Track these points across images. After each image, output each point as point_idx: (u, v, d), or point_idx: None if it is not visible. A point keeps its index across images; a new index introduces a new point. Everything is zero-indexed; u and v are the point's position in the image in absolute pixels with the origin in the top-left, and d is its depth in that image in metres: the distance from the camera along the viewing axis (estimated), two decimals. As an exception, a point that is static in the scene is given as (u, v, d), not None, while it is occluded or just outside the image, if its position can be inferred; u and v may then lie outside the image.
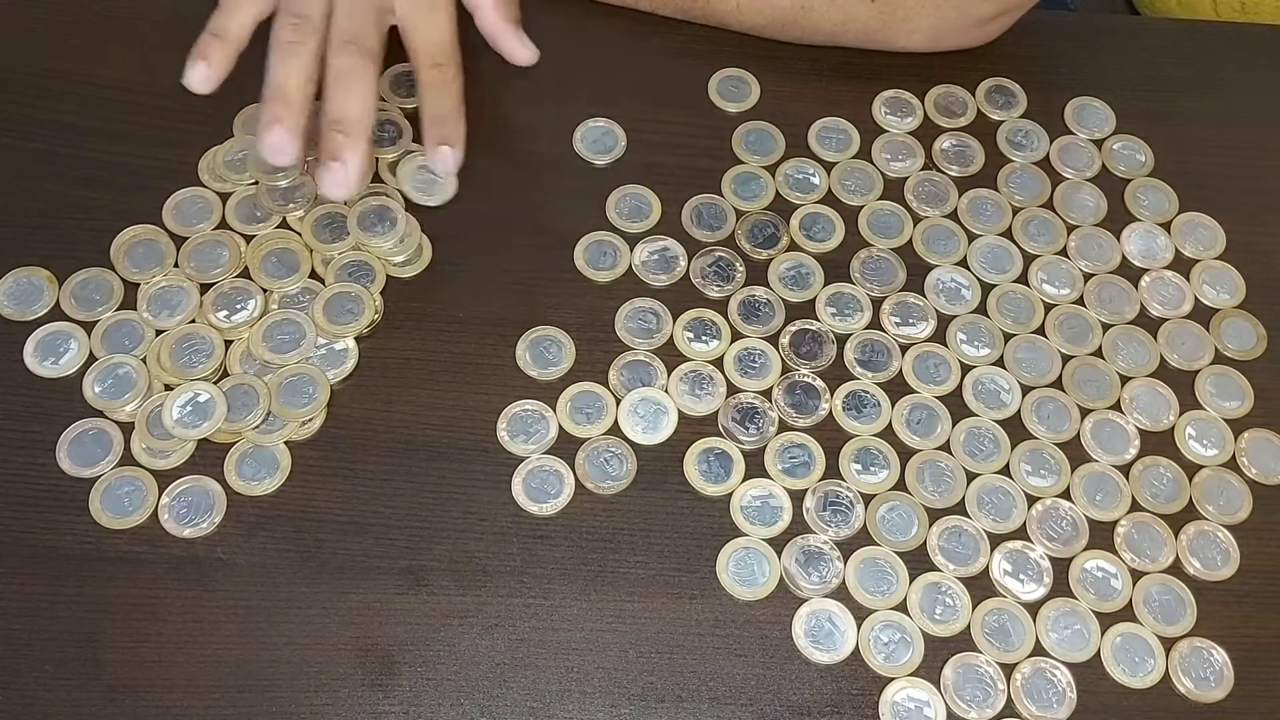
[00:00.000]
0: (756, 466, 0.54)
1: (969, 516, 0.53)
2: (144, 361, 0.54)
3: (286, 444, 0.53)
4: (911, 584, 0.51)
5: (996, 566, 0.52)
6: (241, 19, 0.53)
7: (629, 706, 0.49)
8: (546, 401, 0.54)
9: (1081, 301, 0.59)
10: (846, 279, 0.59)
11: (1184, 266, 0.61)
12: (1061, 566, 0.52)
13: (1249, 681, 0.50)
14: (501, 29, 0.57)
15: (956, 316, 0.58)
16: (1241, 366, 0.58)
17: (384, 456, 0.53)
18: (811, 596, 0.51)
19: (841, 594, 0.51)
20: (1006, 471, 0.54)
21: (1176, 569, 0.53)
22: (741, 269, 0.59)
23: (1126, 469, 0.55)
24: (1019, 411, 0.56)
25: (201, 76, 0.52)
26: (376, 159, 0.59)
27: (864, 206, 0.61)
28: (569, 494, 0.53)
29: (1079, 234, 0.61)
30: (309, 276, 0.57)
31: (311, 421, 0.53)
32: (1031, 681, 0.50)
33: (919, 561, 0.52)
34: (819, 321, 0.58)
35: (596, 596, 0.51)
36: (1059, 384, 0.57)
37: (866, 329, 0.57)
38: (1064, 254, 0.61)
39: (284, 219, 0.58)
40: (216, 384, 0.53)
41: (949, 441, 0.55)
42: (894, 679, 0.50)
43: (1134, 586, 0.52)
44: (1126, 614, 0.52)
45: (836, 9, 0.62)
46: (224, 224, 0.58)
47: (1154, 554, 0.53)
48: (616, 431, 0.54)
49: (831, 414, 0.55)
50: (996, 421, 0.55)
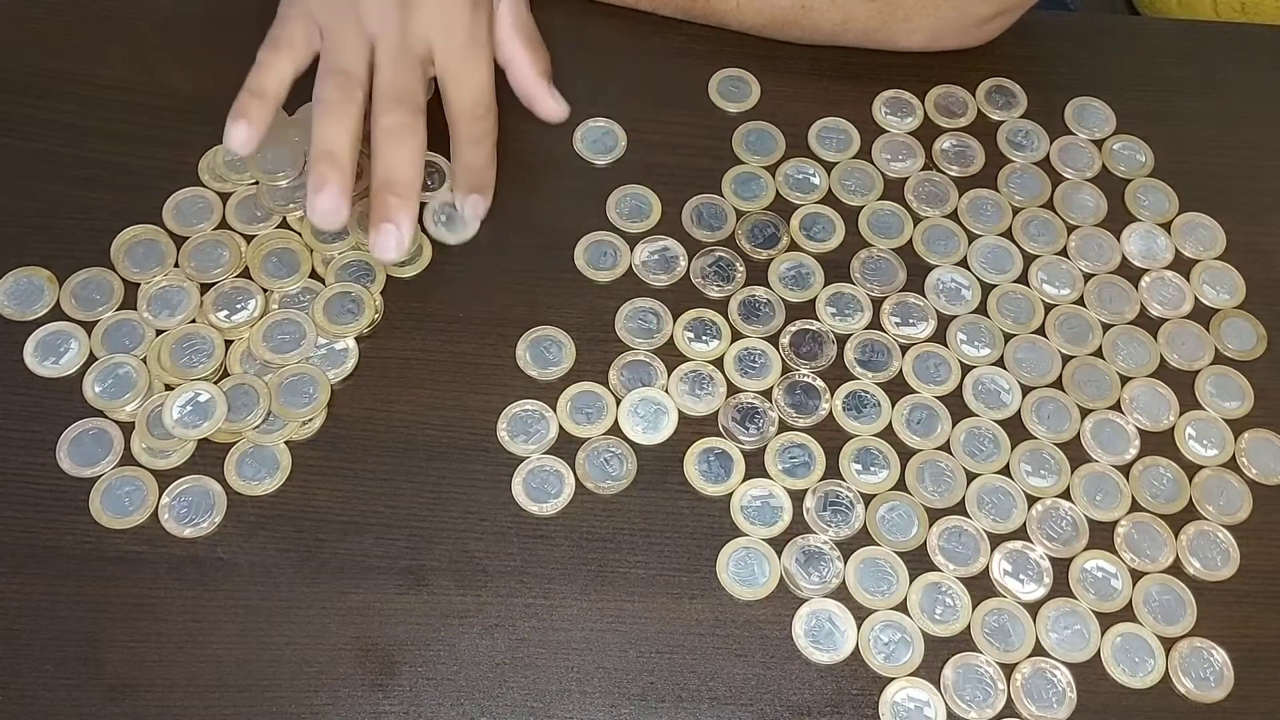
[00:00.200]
0: (757, 466, 0.54)
1: (969, 516, 0.53)
2: (144, 361, 0.54)
3: (287, 444, 0.53)
4: (911, 584, 0.51)
5: (996, 566, 0.52)
6: (280, 75, 0.51)
7: (629, 706, 0.49)
8: (546, 401, 0.54)
9: (1082, 302, 0.59)
10: (847, 279, 0.59)
11: (1184, 266, 0.61)
12: (1061, 566, 0.52)
13: (1249, 681, 0.50)
14: (537, 88, 0.56)
15: (957, 316, 0.58)
16: (1241, 367, 0.58)
17: (384, 456, 0.53)
18: (811, 596, 0.51)
19: (841, 594, 0.51)
20: (1006, 471, 0.54)
21: (1176, 569, 0.53)
22: (742, 269, 0.59)
23: (1126, 469, 0.55)
24: (1019, 411, 0.56)
25: (243, 138, 0.50)
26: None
27: (864, 206, 0.61)
28: (569, 494, 0.53)
29: (1079, 234, 0.61)
30: (309, 276, 0.57)
31: (311, 421, 0.53)
32: (1031, 681, 0.50)
33: (919, 561, 0.52)
34: (819, 321, 0.58)
35: (596, 596, 0.51)
36: (1059, 384, 0.57)
37: (867, 329, 0.57)
38: (1064, 254, 0.61)
39: (284, 219, 0.58)
40: (217, 384, 0.53)
41: (949, 441, 0.55)
42: (894, 679, 0.50)
43: (1134, 586, 0.52)
44: (1126, 614, 0.52)
45: (837, 9, 0.62)
46: (224, 224, 0.58)
47: (1154, 554, 0.53)
48: (617, 431, 0.54)
49: (831, 414, 0.55)
50: (996, 421, 0.55)
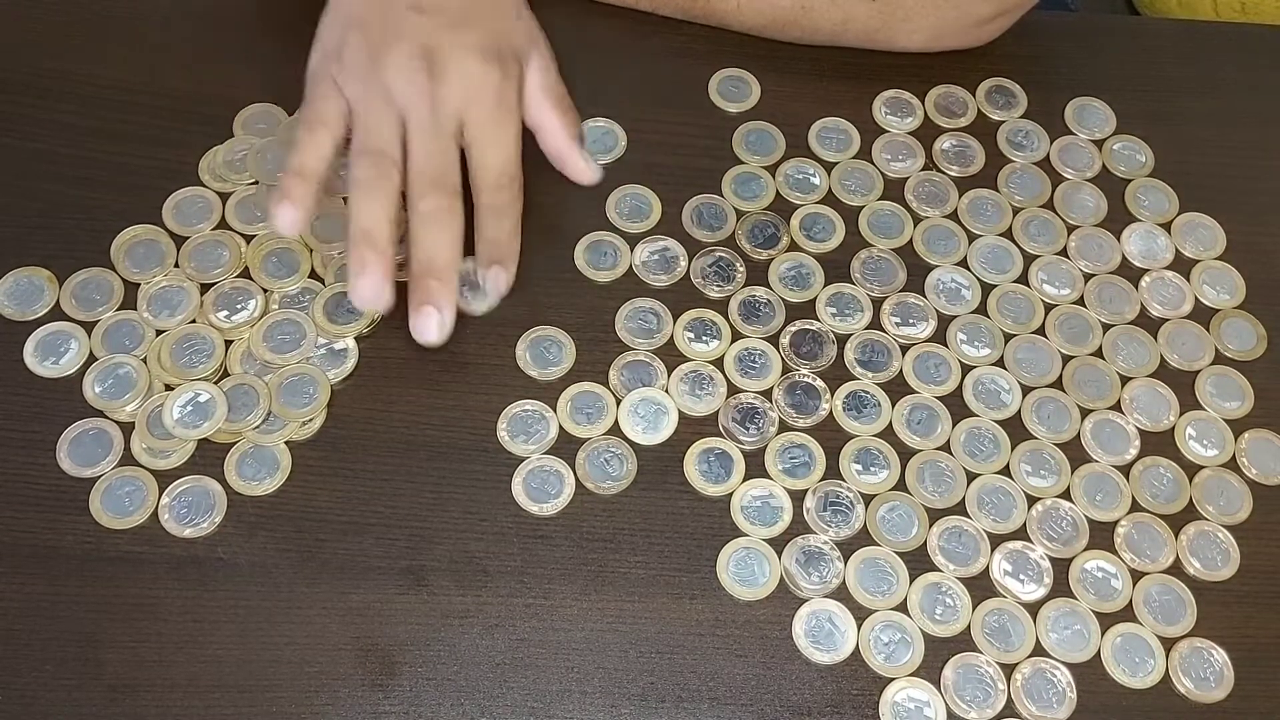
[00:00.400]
0: (757, 466, 0.54)
1: (969, 517, 0.53)
2: (144, 361, 0.54)
3: (287, 444, 0.53)
4: (912, 584, 0.51)
5: (996, 567, 0.52)
6: (320, 153, 0.51)
7: (629, 706, 0.49)
8: (546, 402, 0.54)
9: (1082, 302, 0.59)
10: (847, 279, 0.59)
11: (1184, 267, 0.61)
12: (1061, 567, 0.52)
13: (1249, 682, 0.50)
14: (569, 152, 0.54)
15: (957, 317, 0.58)
16: (1241, 367, 0.58)
17: (384, 456, 0.53)
18: (812, 596, 0.51)
19: (842, 594, 0.51)
20: (1007, 472, 0.54)
21: (1176, 569, 0.53)
22: (742, 269, 0.59)
23: (1126, 469, 0.55)
24: (1019, 412, 0.56)
25: (289, 219, 0.49)
26: None
27: (864, 207, 0.61)
28: (569, 494, 0.52)
29: (1079, 234, 0.61)
30: (309, 276, 0.57)
31: (311, 421, 0.53)
32: (1031, 682, 0.50)
33: (919, 562, 0.52)
34: (819, 321, 0.58)
35: (597, 596, 0.51)
36: (1059, 384, 0.57)
37: (867, 329, 0.57)
38: (1064, 254, 0.61)
39: (284, 219, 0.58)
40: (217, 384, 0.53)
41: (949, 442, 0.55)
42: (894, 679, 0.50)
43: (1134, 587, 0.52)
44: (1126, 614, 0.51)
45: (837, 9, 0.62)
46: (224, 224, 0.58)
47: (1154, 554, 0.53)
48: (617, 431, 0.54)
49: (832, 414, 0.55)
50: (997, 422, 0.55)
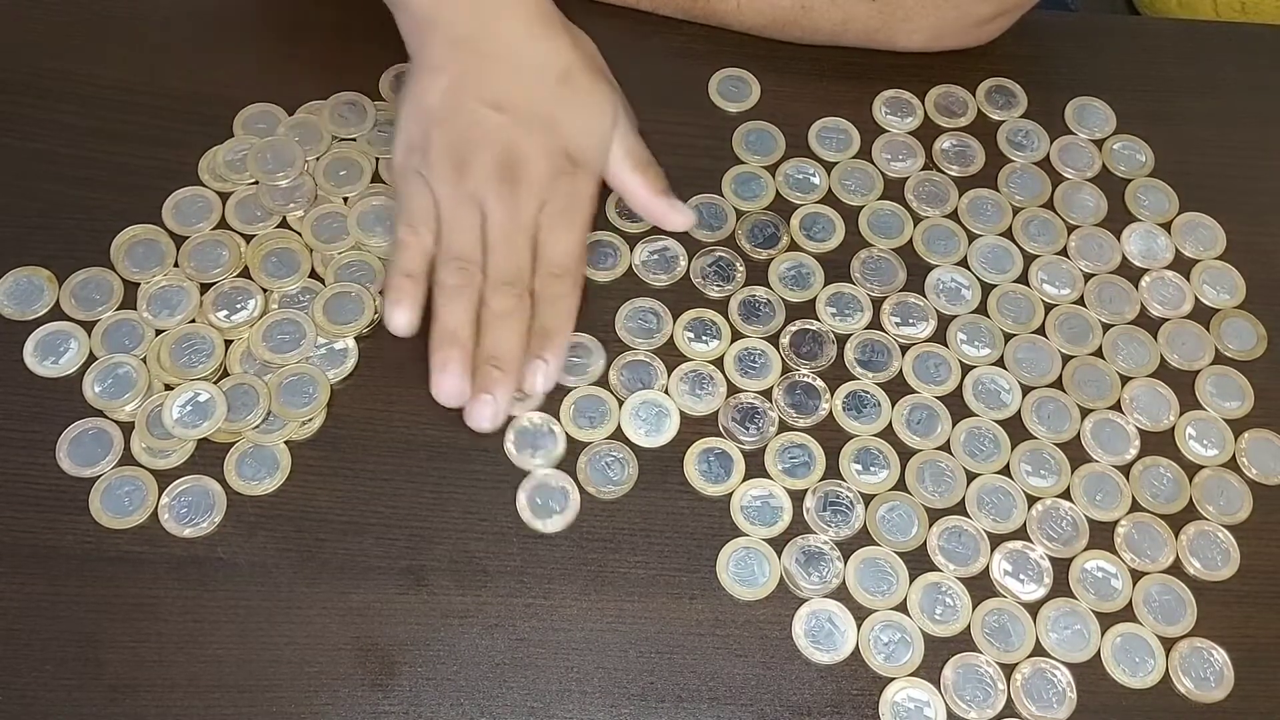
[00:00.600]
0: (757, 466, 0.54)
1: (969, 516, 0.53)
2: (144, 361, 0.54)
3: (286, 444, 0.53)
4: (911, 584, 0.51)
5: (996, 566, 0.52)
6: (424, 250, 0.53)
7: (629, 706, 0.49)
8: (549, 411, 0.54)
9: (1082, 301, 0.59)
10: (847, 279, 0.59)
11: (1184, 266, 0.61)
12: (1061, 566, 0.52)
13: (1249, 681, 0.50)
14: (657, 206, 0.56)
15: (957, 316, 0.58)
16: (1241, 366, 0.58)
17: (384, 456, 0.53)
18: (811, 596, 0.51)
19: (841, 594, 0.51)
20: (1006, 472, 0.54)
21: (1177, 569, 0.53)
22: (742, 269, 0.59)
23: (1127, 469, 0.55)
24: (1019, 411, 0.56)
25: (405, 321, 0.53)
26: None
27: (864, 206, 0.61)
28: (574, 509, 0.52)
29: (1079, 234, 0.61)
30: (309, 276, 0.57)
31: (311, 421, 0.53)
32: (1031, 681, 0.50)
33: (919, 561, 0.52)
34: (819, 321, 0.58)
35: (596, 596, 0.51)
36: (1059, 384, 0.57)
37: (867, 329, 0.57)
38: (1064, 254, 0.60)
39: (284, 219, 0.58)
40: (216, 384, 0.53)
41: (949, 441, 0.55)
42: (894, 679, 0.50)
43: (1134, 587, 0.52)
44: (1126, 614, 0.51)
45: (837, 9, 0.62)
46: (224, 224, 0.58)
47: (1154, 554, 0.53)
48: (619, 435, 0.54)
49: (831, 414, 0.55)
50: (996, 421, 0.55)
